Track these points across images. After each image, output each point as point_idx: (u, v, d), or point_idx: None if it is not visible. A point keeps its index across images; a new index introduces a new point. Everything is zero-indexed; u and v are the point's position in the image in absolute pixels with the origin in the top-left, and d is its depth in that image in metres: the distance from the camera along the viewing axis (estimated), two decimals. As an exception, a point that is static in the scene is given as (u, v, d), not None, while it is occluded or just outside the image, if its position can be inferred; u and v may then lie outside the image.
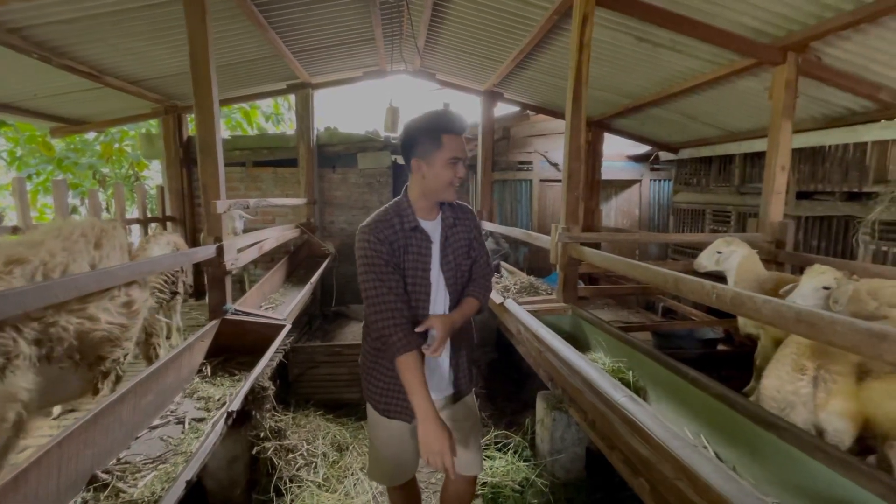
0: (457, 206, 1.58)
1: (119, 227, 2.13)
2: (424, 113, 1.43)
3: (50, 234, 1.70)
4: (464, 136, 1.42)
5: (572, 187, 2.94)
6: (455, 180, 1.40)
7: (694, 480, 1.19)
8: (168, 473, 1.54)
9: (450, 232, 1.51)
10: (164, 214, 5.53)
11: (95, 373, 1.80)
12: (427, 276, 1.46)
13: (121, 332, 1.85)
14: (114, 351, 1.83)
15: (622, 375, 2.16)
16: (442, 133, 1.37)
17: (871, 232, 3.74)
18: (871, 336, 1.04)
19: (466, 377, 1.61)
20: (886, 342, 1.01)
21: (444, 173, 1.39)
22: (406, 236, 1.43)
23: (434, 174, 1.40)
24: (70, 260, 1.66)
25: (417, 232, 1.45)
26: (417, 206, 1.47)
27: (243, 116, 8.63)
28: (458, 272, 1.52)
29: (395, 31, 4.32)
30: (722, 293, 1.48)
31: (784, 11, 2.65)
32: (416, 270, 1.44)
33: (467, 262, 1.55)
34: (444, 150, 1.37)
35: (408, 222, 1.44)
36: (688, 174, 6.20)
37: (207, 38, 2.53)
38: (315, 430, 3.09)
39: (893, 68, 2.86)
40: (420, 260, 1.45)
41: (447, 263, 1.48)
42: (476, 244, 1.60)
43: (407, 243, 1.43)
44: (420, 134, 1.40)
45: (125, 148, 7.87)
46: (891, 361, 1.01)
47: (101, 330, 1.70)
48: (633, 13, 2.85)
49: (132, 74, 4.23)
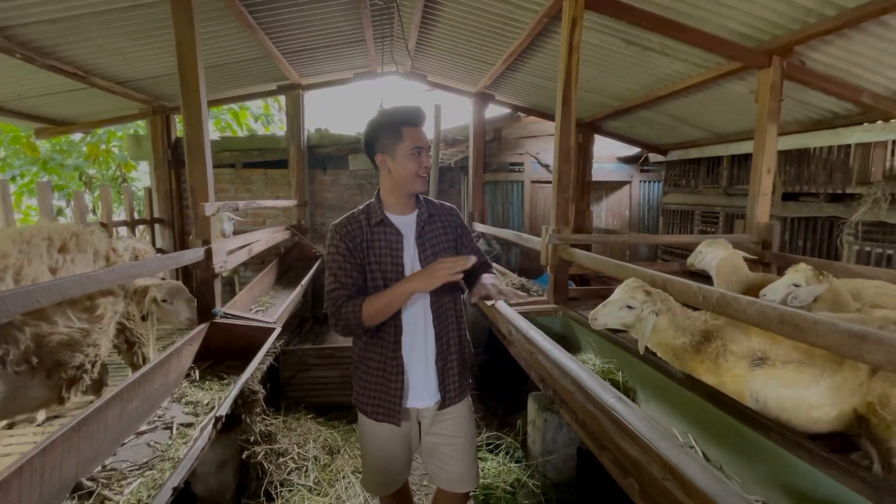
0: (438, 204, 1.59)
1: (97, 231, 2.09)
2: (381, 110, 1.47)
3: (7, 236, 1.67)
4: (423, 126, 1.44)
5: (562, 189, 2.96)
6: (421, 170, 1.42)
7: (681, 480, 1.21)
8: (155, 480, 1.52)
9: (426, 227, 1.51)
10: (152, 216, 5.46)
11: (57, 380, 1.75)
12: (399, 271, 1.45)
13: (81, 337, 1.80)
14: (74, 356, 1.78)
15: (612, 376, 2.17)
16: (401, 126, 1.40)
17: (855, 233, 3.82)
18: (851, 337, 1.05)
19: (456, 385, 1.54)
20: (866, 343, 1.03)
21: (409, 164, 1.41)
22: (371, 231, 1.45)
23: (399, 167, 1.42)
24: (25, 262, 1.62)
25: (384, 226, 1.46)
26: (387, 202, 1.49)
27: (233, 117, 8.57)
28: None
29: (385, 33, 4.31)
30: (708, 294, 1.50)
31: (769, 16, 2.69)
32: (384, 264, 1.44)
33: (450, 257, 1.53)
34: (406, 142, 1.39)
35: (374, 217, 1.46)
36: (677, 176, 6.27)
37: (195, 38, 2.51)
38: (306, 434, 3.07)
39: (874, 72, 2.92)
40: (389, 254, 1.45)
41: (426, 258, 1.47)
42: (465, 240, 1.60)
43: (372, 238, 1.45)
44: (380, 129, 1.43)
45: (112, 149, 7.77)
46: (871, 362, 1.03)
47: (58, 334, 1.66)
48: (622, 17, 2.88)
49: (119, 75, 4.18)
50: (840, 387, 1.53)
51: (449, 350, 1.52)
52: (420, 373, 1.50)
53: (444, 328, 1.51)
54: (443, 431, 1.53)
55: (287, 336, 4.05)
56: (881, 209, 3.55)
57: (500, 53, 4.29)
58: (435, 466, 1.58)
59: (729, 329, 1.77)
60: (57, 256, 1.80)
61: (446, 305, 1.52)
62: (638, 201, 7.21)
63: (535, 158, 6.82)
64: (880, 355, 1.01)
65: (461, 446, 1.55)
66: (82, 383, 1.89)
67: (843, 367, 1.54)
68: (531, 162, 6.84)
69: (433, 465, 1.58)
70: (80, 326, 1.77)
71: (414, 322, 1.48)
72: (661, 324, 1.82)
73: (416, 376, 1.50)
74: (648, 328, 1.79)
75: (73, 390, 1.83)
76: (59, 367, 1.73)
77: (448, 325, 1.52)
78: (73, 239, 1.91)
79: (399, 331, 1.46)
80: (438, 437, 1.54)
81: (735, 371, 1.73)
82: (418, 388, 1.50)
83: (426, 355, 1.50)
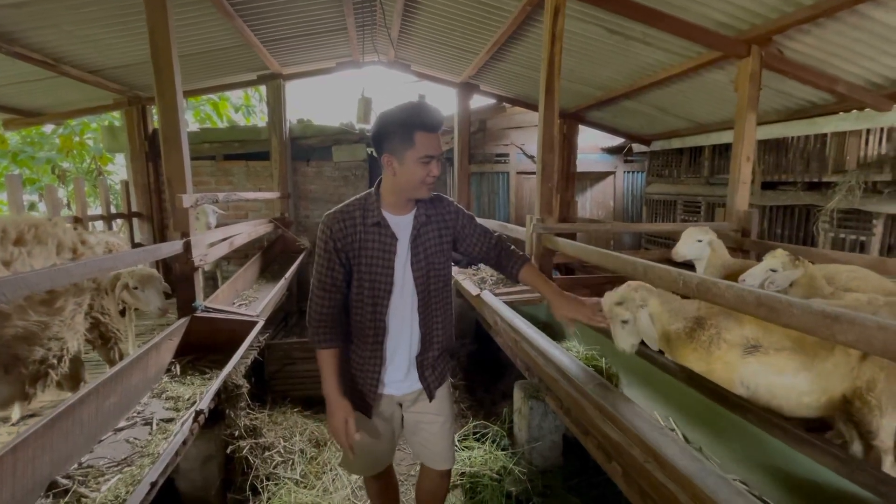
0: (435, 201, 1.51)
1: (62, 223, 2.02)
2: (398, 105, 1.34)
3: None
4: (438, 132, 1.35)
5: (546, 178, 2.97)
6: (428, 178, 1.34)
7: (661, 462, 1.23)
8: (134, 476, 1.48)
9: (422, 230, 1.45)
10: (130, 210, 5.32)
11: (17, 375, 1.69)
12: (389, 274, 1.41)
13: (40, 331, 1.74)
14: (33, 351, 1.72)
15: (595, 363, 2.20)
16: (415, 130, 1.30)
17: (830, 220, 3.91)
18: (824, 318, 1.08)
19: (437, 373, 1.56)
20: (839, 323, 1.05)
21: (417, 172, 1.33)
22: (365, 231, 1.39)
23: (405, 172, 1.34)
24: None
25: (380, 227, 1.40)
26: (386, 200, 1.42)
27: (212, 108, 8.37)
28: (430, 272, 1.46)
29: (367, 21, 4.24)
30: (688, 280, 1.51)
31: (748, 5, 2.71)
32: (374, 267, 1.40)
33: (442, 261, 1.50)
34: (417, 149, 1.30)
35: (371, 217, 1.39)
36: (660, 166, 6.34)
37: (168, 25, 2.43)
38: (292, 427, 3.05)
39: (849, 62, 2.97)
40: (381, 256, 1.40)
41: (417, 262, 1.43)
42: (468, 230, 1.57)
43: (365, 238, 1.39)
44: (392, 129, 1.32)
45: (86, 141, 7.52)
46: (843, 342, 1.05)
47: (12, 327, 1.60)
48: (604, 5, 2.88)
49: (91, 63, 4.03)
50: (831, 373, 1.57)
51: (431, 346, 1.53)
52: (401, 367, 1.51)
53: (430, 327, 1.51)
54: (425, 409, 1.57)
55: (272, 330, 4.00)
56: (855, 197, 3.64)
57: (485, 43, 4.26)
58: (419, 444, 1.62)
59: (723, 317, 1.79)
60: (11, 249, 1.72)
61: (434, 306, 1.51)
62: (622, 191, 7.28)
63: (520, 149, 6.82)
64: (852, 335, 1.04)
65: (443, 424, 1.59)
66: (49, 379, 1.83)
67: (834, 353, 1.58)
68: (516, 153, 6.84)
69: (417, 444, 1.63)
70: (37, 319, 1.71)
71: (400, 322, 1.47)
72: (654, 309, 1.84)
73: (396, 370, 1.51)
74: (646, 321, 1.80)
75: (38, 386, 1.77)
76: (17, 362, 1.67)
77: (434, 324, 1.52)
78: (31, 231, 1.83)
79: (383, 332, 1.46)
80: (421, 415, 1.57)
81: (726, 359, 1.74)
82: (397, 379, 1.51)
83: (409, 352, 1.51)
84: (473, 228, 1.59)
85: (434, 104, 1.37)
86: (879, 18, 2.51)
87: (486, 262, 1.68)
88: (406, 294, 1.45)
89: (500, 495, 2.37)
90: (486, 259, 1.65)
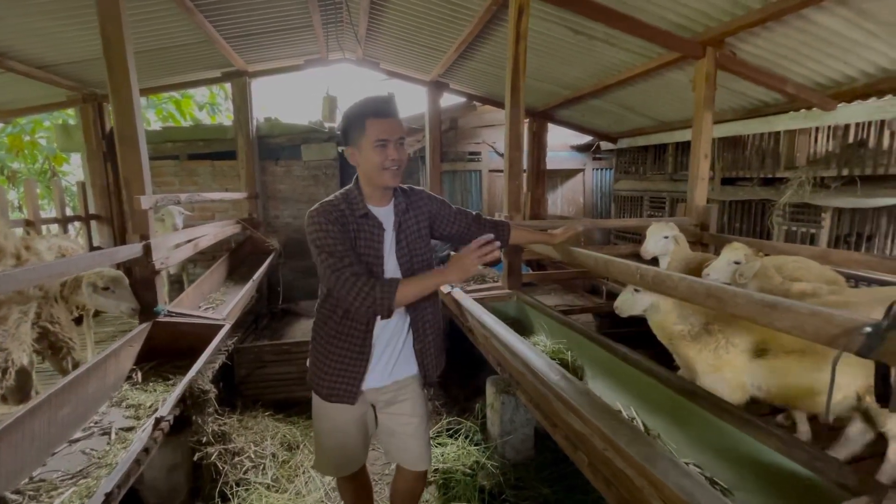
0: (409, 191, 1.58)
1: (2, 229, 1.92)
2: (353, 103, 1.43)
3: None
4: (392, 118, 1.39)
5: (513, 176, 3.01)
6: (387, 162, 1.38)
7: (618, 450, 1.27)
8: (90, 488, 1.43)
9: (403, 218, 1.50)
10: (87, 213, 5.09)
11: None
12: (378, 263, 1.44)
13: None
14: None
15: (562, 356, 2.26)
16: (366, 118, 1.37)
17: (783, 214, 4.12)
18: (764, 306, 1.14)
19: (434, 363, 1.61)
20: (776, 311, 1.12)
21: (373, 157, 1.38)
22: (357, 222, 1.43)
23: (365, 160, 1.40)
24: None
25: (368, 219, 1.44)
26: (366, 192, 1.46)
27: (175, 106, 8.09)
28: (414, 259, 1.50)
29: (333, 18, 4.18)
30: (645, 273, 1.57)
31: (702, 7, 2.82)
32: (366, 256, 1.43)
33: (423, 246, 1.54)
34: (369, 134, 1.37)
35: (358, 209, 1.43)
36: (627, 163, 6.52)
37: (121, 18, 2.34)
38: (263, 431, 3.00)
39: (797, 63, 3.13)
40: (371, 246, 1.43)
41: (401, 250, 1.48)
42: (444, 213, 1.61)
43: (359, 229, 1.43)
44: (349, 122, 1.41)
45: (39, 140, 7.14)
46: (780, 328, 1.12)
47: None
48: (566, 5, 2.93)
49: (40, 58, 3.84)
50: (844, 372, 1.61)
51: (425, 332, 1.56)
52: (385, 357, 1.52)
53: (420, 313, 1.54)
54: (401, 411, 1.57)
55: (241, 333, 3.91)
56: (805, 192, 3.84)
57: (452, 41, 4.27)
58: (395, 447, 1.62)
59: (731, 324, 1.82)
60: None
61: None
62: (591, 188, 7.44)
63: (492, 147, 6.88)
64: (788, 321, 1.11)
65: (418, 425, 1.60)
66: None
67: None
68: (488, 151, 6.90)
69: (394, 446, 1.63)
70: None
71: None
72: (664, 306, 1.90)
73: (380, 361, 1.51)
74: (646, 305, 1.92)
75: None
76: None
77: (424, 310, 1.55)
78: None
79: (373, 320, 1.46)
80: (397, 416, 1.58)
81: (735, 362, 1.77)
82: (377, 370, 1.51)
83: (396, 340, 1.52)
84: (447, 209, 1.64)
85: (390, 95, 1.42)
86: (822, 23, 2.65)
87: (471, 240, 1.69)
88: None
89: (473, 490, 2.40)
90: (469, 235, 1.65)
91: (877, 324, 0.93)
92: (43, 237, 2.77)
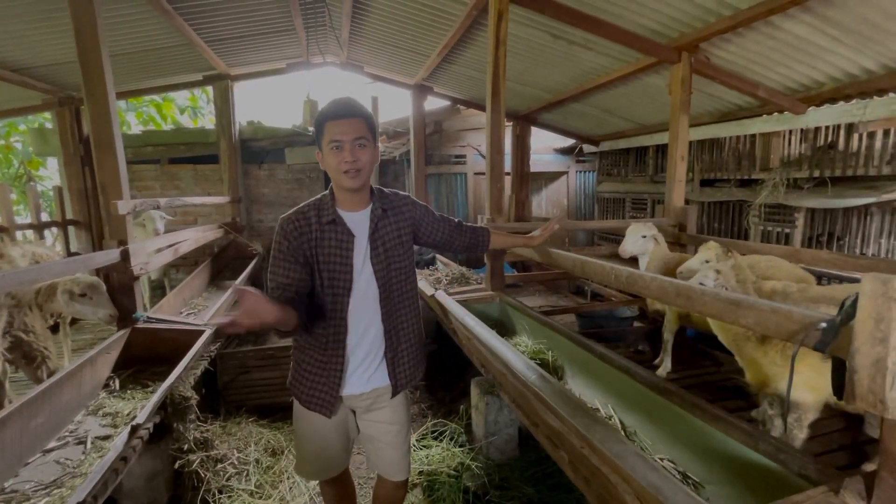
0: (391, 195, 1.55)
1: None
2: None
3: None
4: (348, 118, 1.37)
5: (495, 178, 3.04)
6: (342, 164, 1.36)
7: (593, 448, 1.30)
8: (63, 498, 1.41)
9: (379, 223, 1.47)
10: (64, 218, 4.98)
11: None
12: (348, 271, 1.42)
13: None
14: None
15: (542, 356, 2.29)
16: (325, 121, 1.38)
17: (759, 214, 4.23)
18: (729, 304, 1.19)
19: (408, 371, 1.56)
20: (741, 309, 1.16)
21: (331, 159, 1.39)
22: (321, 229, 1.41)
23: (325, 162, 1.42)
24: None
25: (335, 225, 1.42)
26: (339, 196, 1.45)
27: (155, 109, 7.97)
28: (391, 265, 1.47)
29: (316, 22, 4.18)
30: (619, 273, 1.61)
31: (676, 14, 2.90)
32: (332, 264, 1.42)
33: (402, 254, 1.51)
34: (326, 136, 1.38)
35: (326, 215, 1.42)
36: (609, 165, 6.61)
37: (96, 21, 2.32)
38: (247, 438, 2.97)
39: (767, 68, 3.23)
40: (338, 254, 1.42)
41: (377, 256, 1.45)
42: (427, 221, 1.60)
43: (321, 237, 1.41)
44: (315, 127, 1.43)
45: (14, 144, 6.98)
46: (745, 325, 1.16)
47: None
48: (544, 11, 2.98)
49: (13, 61, 3.76)
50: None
51: (399, 342, 1.52)
52: (363, 365, 1.50)
53: (395, 322, 1.51)
54: (380, 419, 1.56)
55: (224, 339, 3.87)
56: (780, 192, 3.95)
57: (435, 45, 4.30)
58: (374, 454, 1.62)
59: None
60: None
61: (397, 300, 1.51)
62: (575, 190, 7.54)
63: (476, 150, 6.93)
64: (751, 318, 1.15)
65: (397, 433, 1.58)
66: None
67: None
68: (473, 154, 6.94)
69: (373, 453, 1.62)
70: None
71: (362, 318, 1.46)
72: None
73: (357, 368, 1.49)
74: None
75: None
76: None
77: (399, 318, 1.52)
78: None
79: (344, 329, 1.45)
80: (376, 424, 1.56)
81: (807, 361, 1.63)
82: (354, 377, 1.49)
83: (374, 349, 1.49)
84: (431, 216, 1.63)
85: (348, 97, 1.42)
86: (790, 29, 2.74)
87: (453, 247, 1.72)
88: (369, 290, 1.46)
89: (457, 492, 2.41)
90: (452, 242, 1.68)
91: (831, 319, 0.97)
92: (17, 243, 2.70)
